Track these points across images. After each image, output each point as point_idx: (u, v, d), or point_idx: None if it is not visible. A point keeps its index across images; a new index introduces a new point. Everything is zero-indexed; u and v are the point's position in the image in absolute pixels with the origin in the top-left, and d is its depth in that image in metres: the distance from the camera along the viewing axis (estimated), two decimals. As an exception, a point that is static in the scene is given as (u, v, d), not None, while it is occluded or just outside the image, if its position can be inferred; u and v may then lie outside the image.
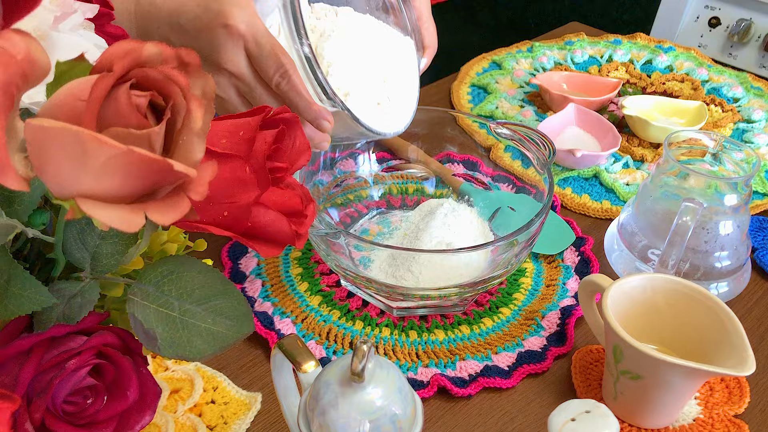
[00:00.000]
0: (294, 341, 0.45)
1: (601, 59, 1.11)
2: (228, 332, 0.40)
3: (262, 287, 0.68)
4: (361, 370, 0.36)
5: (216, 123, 0.37)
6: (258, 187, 0.35)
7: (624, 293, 0.57)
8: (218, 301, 0.39)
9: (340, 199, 0.75)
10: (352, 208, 0.76)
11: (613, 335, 0.53)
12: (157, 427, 0.54)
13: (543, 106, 0.98)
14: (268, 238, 0.37)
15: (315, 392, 0.38)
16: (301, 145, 0.39)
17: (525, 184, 0.73)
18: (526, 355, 0.62)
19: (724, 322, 0.54)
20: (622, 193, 0.82)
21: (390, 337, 0.64)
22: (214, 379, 0.59)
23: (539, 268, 0.73)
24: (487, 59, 1.10)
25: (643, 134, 0.89)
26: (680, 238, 0.61)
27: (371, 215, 0.77)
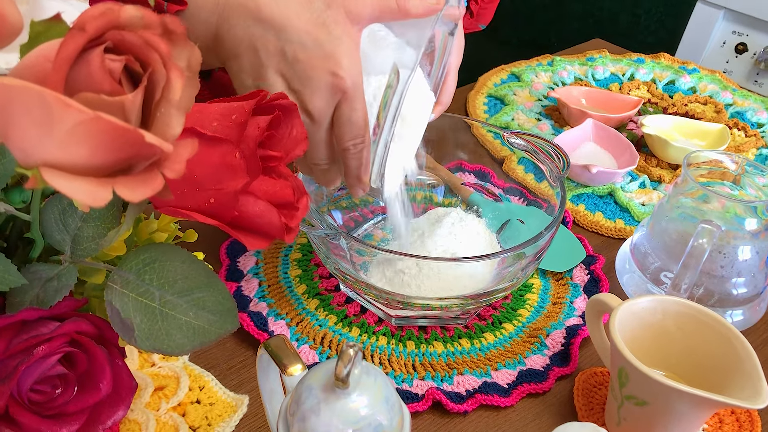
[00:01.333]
0: (281, 342, 0.43)
1: (623, 77, 1.08)
2: (210, 327, 0.38)
3: (258, 287, 0.66)
4: (345, 376, 0.34)
5: (209, 105, 0.35)
6: (247, 174, 0.33)
7: (633, 314, 0.54)
8: (201, 294, 0.37)
9: (345, 202, 0.73)
10: (357, 212, 0.74)
11: (619, 357, 0.50)
12: (138, 424, 0.52)
13: (560, 121, 0.96)
14: (255, 230, 0.35)
15: (297, 396, 0.36)
16: (298, 135, 0.37)
17: (537, 197, 0.71)
18: (527, 374, 0.60)
19: (738, 350, 0.51)
20: (637, 213, 0.79)
21: (387, 347, 0.62)
22: (201, 378, 0.57)
23: (547, 284, 0.70)
24: (506, 71, 1.08)
25: (662, 154, 0.87)
26: (695, 261, 0.59)
27: (376, 220, 0.74)
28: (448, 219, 0.69)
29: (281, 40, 0.48)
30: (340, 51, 0.49)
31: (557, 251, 0.72)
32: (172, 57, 0.25)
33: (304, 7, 0.48)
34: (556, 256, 0.72)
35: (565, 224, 0.77)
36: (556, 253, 0.72)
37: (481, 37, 1.04)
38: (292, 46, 0.48)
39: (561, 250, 0.73)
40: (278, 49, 0.49)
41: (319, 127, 0.52)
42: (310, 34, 0.48)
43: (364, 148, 0.53)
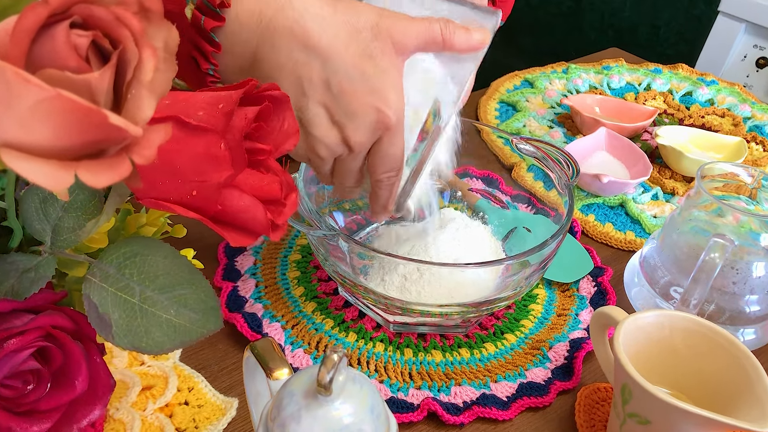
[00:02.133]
0: (268, 345, 0.41)
1: (639, 87, 1.06)
2: (191, 326, 0.36)
3: (255, 288, 0.65)
4: (328, 383, 0.32)
5: (196, 93, 0.33)
6: (232, 166, 0.31)
7: (639, 329, 0.52)
8: (183, 291, 0.36)
9: (348, 204, 0.72)
10: (360, 215, 0.72)
11: (623, 373, 0.48)
12: (123, 423, 0.51)
13: (573, 129, 0.94)
14: (240, 226, 0.33)
15: (278, 402, 0.34)
16: (290, 128, 0.35)
17: (545, 206, 0.69)
18: (528, 387, 0.58)
19: (748, 371, 0.49)
20: (648, 226, 0.77)
21: (383, 353, 0.60)
22: (190, 379, 0.55)
23: (552, 295, 0.68)
24: (520, 77, 1.06)
25: (677, 166, 0.85)
26: (706, 275, 0.57)
27: (380, 223, 0.73)
28: (452, 225, 0.67)
29: (327, 70, 0.46)
30: (386, 85, 0.47)
31: (564, 262, 0.70)
32: (145, 35, 0.23)
33: (352, 38, 0.46)
34: (562, 267, 0.70)
35: (573, 234, 0.75)
36: (562, 263, 0.70)
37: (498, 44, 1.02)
38: (337, 77, 0.46)
39: (568, 261, 0.71)
40: (323, 79, 0.46)
41: (356, 157, 0.50)
42: (357, 67, 0.46)
43: (396, 180, 0.52)
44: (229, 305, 0.62)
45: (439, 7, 0.53)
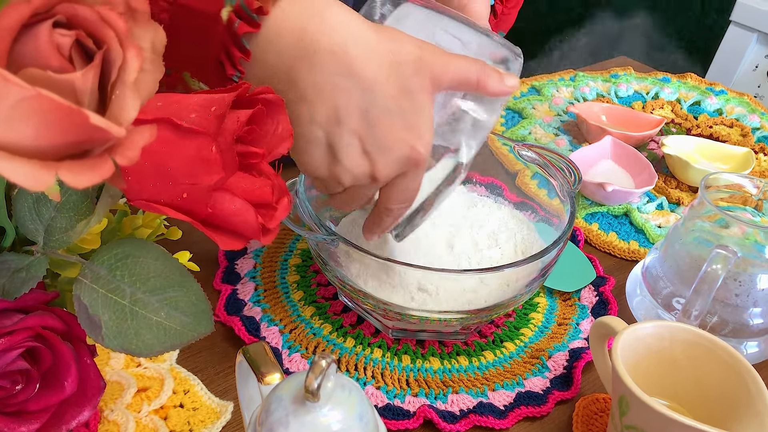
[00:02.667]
0: (261, 349, 0.41)
1: (647, 95, 1.06)
2: (182, 329, 0.36)
3: (254, 291, 0.64)
4: (316, 389, 0.32)
5: (189, 96, 0.33)
6: (222, 169, 0.31)
7: (638, 340, 0.52)
8: (174, 293, 0.36)
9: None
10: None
11: (620, 384, 0.48)
12: (117, 425, 0.51)
13: (579, 137, 0.93)
14: (231, 229, 0.33)
15: (266, 406, 0.34)
16: (284, 132, 0.35)
17: (548, 214, 0.69)
18: (526, 396, 0.57)
19: (748, 384, 0.48)
20: (653, 236, 0.76)
21: (381, 360, 0.59)
22: (186, 381, 0.55)
23: (553, 304, 0.67)
24: (527, 84, 1.06)
25: (683, 176, 0.84)
26: (707, 287, 0.56)
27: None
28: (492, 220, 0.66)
29: (366, 101, 0.45)
30: (421, 122, 0.46)
31: (566, 270, 0.70)
32: (131, 36, 0.23)
33: (393, 69, 0.45)
34: (564, 276, 0.69)
35: (576, 243, 0.75)
36: (564, 272, 0.69)
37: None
38: (376, 109, 0.45)
39: (570, 270, 0.70)
40: (361, 109, 0.45)
41: (375, 186, 0.50)
42: (396, 101, 0.45)
43: (405, 211, 0.52)
44: (227, 308, 0.62)
45: (468, 38, 0.53)
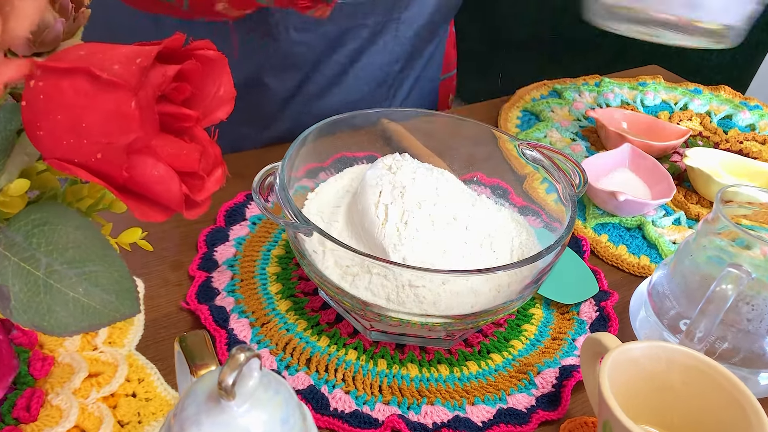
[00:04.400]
0: (199, 339, 0.37)
1: (675, 106, 1.00)
2: (102, 309, 0.32)
3: (230, 280, 0.61)
4: (230, 385, 0.28)
5: (116, 46, 0.30)
6: (141, 127, 0.28)
7: (631, 361, 0.47)
8: (95, 268, 0.32)
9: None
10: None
11: (605, 408, 0.43)
12: (60, 410, 0.47)
13: (597, 144, 0.88)
14: (151, 198, 0.30)
15: (181, 402, 0.30)
16: (225, 95, 0.31)
17: (555, 221, 0.64)
18: (507, 414, 0.53)
19: (749, 416, 0.43)
20: (666, 251, 0.71)
21: (355, 362, 0.55)
22: (143, 369, 0.52)
23: (549, 316, 0.62)
24: (548, 86, 1.01)
25: (704, 191, 0.78)
26: (715, 308, 0.51)
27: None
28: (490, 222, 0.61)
29: None
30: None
31: (566, 281, 0.65)
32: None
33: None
34: (564, 287, 0.64)
35: (581, 254, 0.70)
36: (564, 282, 0.65)
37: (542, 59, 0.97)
38: None
39: (571, 281, 0.65)
40: None
41: None
42: None
43: None
44: (198, 296, 0.58)
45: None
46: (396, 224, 0.57)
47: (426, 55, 0.95)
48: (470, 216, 0.62)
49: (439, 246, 0.58)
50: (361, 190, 0.60)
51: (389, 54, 0.89)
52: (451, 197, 0.63)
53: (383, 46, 0.88)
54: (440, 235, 0.58)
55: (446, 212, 0.60)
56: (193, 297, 0.58)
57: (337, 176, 0.66)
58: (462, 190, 0.67)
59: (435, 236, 0.58)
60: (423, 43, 0.92)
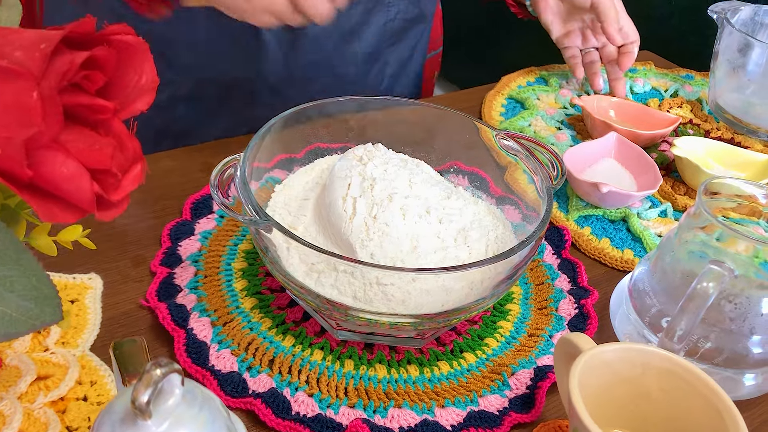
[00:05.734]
0: (135, 347, 0.35)
1: (665, 93, 0.97)
2: (19, 316, 0.30)
3: (193, 276, 0.58)
4: (145, 404, 0.25)
5: (19, 30, 0.27)
6: (43, 120, 0.25)
7: (605, 364, 0.44)
8: (8, 273, 0.29)
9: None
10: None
11: (575, 415, 0.41)
12: (2, 416, 0.45)
13: (583, 133, 0.85)
14: (63, 198, 0.27)
15: (98, 419, 0.28)
16: (147, 84, 0.29)
17: (533, 212, 0.61)
18: (478, 417, 0.50)
19: (727, 426, 0.40)
20: (650, 245, 0.68)
21: (321, 363, 0.53)
22: (96, 372, 0.50)
23: (526, 312, 0.60)
24: (535, 73, 0.98)
25: (692, 181, 0.76)
26: (695, 306, 0.48)
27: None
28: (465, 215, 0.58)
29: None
30: None
31: None
32: None
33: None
34: None
35: (562, 245, 0.67)
36: None
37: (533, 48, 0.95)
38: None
39: None
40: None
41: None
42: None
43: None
44: (159, 293, 0.56)
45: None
46: (364, 218, 0.54)
47: (416, 33, 0.94)
48: (444, 209, 0.59)
49: (410, 241, 0.55)
50: (329, 183, 0.57)
51: (380, 32, 0.88)
52: (425, 189, 0.60)
53: (375, 23, 0.87)
54: (411, 230, 0.56)
55: (419, 205, 0.57)
56: (153, 294, 0.56)
57: (307, 167, 0.64)
58: (437, 181, 0.64)
59: (406, 231, 0.55)
60: (413, 22, 0.91)
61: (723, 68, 0.90)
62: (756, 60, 0.87)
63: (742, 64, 0.88)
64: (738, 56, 0.88)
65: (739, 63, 0.88)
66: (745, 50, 0.87)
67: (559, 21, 0.90)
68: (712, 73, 0.91)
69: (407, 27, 0.93)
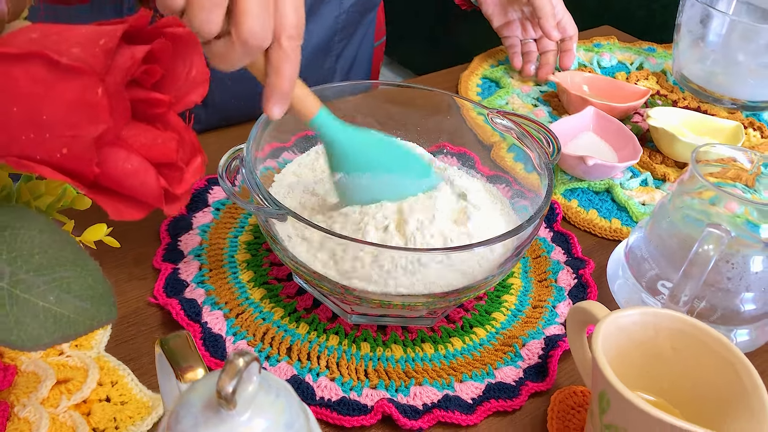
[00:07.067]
0: (183, 341, 0.34)
1: (631, 66, 1.00)
2: (77, 317, 0.30)
3: (198, 271, 0.58)
4: (230, 394, 0.26)
5: (73, 27, 0.26)
6: (111, 117, 0.25)
7: (621, 329, 0.46)
8: (66, 274, 0.29)
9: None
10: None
11: (601, 379, 0.42)
12: (29, 423, 0.44)
13: (559, 108, 0.87)
14: (126, 194, 0.27)
15: (175, 413, 0.28)
16: (198, 76, 0.29)
17: (523, 188, 0.63)
18: (496, 388, 0.52)
19: (743, 379, 0.43)
20: (636, 213, 0.71)
21: (338, 348, 0.53)
22: (115, 372, 0.49)
23: (527, 285, 0.62)
24: (505, 52, 0.99)
25: (669, 150, 0.78)
26: (698, 270, 0.51)
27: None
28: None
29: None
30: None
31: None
32: None
33: None
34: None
35: (553, 219, 0.69)
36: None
37: (484, 22, 0.96)
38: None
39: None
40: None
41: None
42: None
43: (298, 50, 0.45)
44: (166, 290, 0.55)
45: None
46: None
47: (366, 22, 0.94)
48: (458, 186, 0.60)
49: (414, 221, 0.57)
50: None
51: (332, 22, 0.87)
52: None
53: (326, 14, 0.86)
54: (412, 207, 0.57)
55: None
56: (161, 291, 0.55)
57: (302, 156, 0.64)
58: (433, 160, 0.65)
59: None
60: (362, 12, 0.91)
61: (686, 39, 0.93)
62: (716, 30, 0.90)
63: (704, 34, 0.91)
64: (700, 27, 0.91)
65: (701, 34, 0.91)
66: (706, 21, 0.90)
67: (499, 12, 0.92)
68: (676, 45, 0.94)
69: (358, 19, 0.92)
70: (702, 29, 0.91)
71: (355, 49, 0.95)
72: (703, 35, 0.91)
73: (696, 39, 0.92)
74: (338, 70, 0.92)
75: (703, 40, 0.91)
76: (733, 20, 0.87)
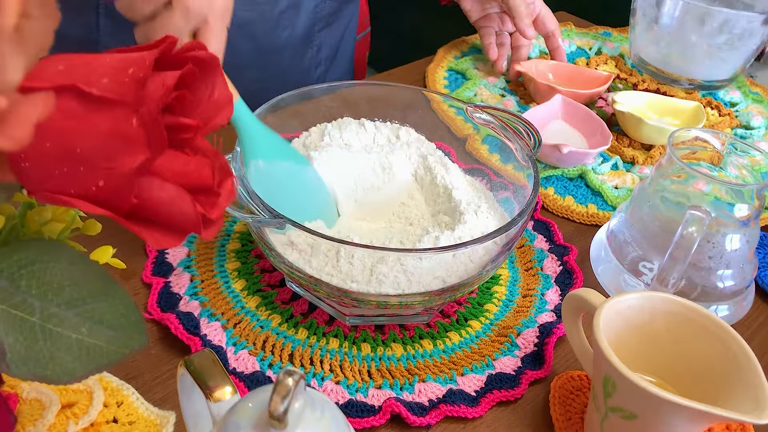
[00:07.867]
0: (207, 359, 0.35)
1: (590, 51, 1.02)
2: (109, 347, 0.29)
3: (190, 282, 0.58)
4: (282, 413, 0.26)
5: (99, 56, 0.26)
6: (147, 147, 0.25)
7: (617, 314, 0.48)
8: (97, 305, 0.29)
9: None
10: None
11: (605, 364, 0.44)
12: (38, 452, 0.44)
13: (526, 97, 0.89)
14: (163, 222, 0.27)
15: (221, 436, 0.28)
16: (221, 98, 0.29)
17: (502, 179, 0.64)
18: (497, 379, 0.53)
19: (737, 355, 0.45)
20: (610, 197, 0.73)
21: (338, 351, 0.54)
22: (119, 392, 0.48)
23: (515, 275, 0.63)
24: (467, 43, 1.00)
25: (635, 134, 0.81)
26: (684, 252, 0.53)
27: None
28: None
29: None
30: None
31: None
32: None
33: None
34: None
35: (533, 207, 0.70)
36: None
37: (438, 10, 0.96)
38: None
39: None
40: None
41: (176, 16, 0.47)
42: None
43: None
44: (161, 304, 0.55)
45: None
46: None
47: (347, 14, 0.94)
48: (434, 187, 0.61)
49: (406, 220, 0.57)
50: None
51: (312, 11, 0.88)
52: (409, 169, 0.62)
53: (306, 3, 0.86)
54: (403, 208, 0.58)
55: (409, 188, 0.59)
56: (155, 305, 0.55)
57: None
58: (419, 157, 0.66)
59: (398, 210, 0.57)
60: (342, 1, 0.92)
61: (641, 23, 0.95)
62: (669, 12, 0.93)
63: (658, 17, 0.94)
64: (654, 10, 0.94)
65: (655, 16, 0.94)
66: (660, 4, 0.93)
67: (477, 7, 0.93)
68: (632, 28, 0.97)
69: (339, 9, 0.93)
70: (656, 12, 0.94)
71: (337, 40, 0.96)
72: (657, 18, 0.94)
73: (651, 22, 0.95)
74: (321, 60, 0.93)
75: (657, 23, 0.94)
76: (687, 3, 0.90)
